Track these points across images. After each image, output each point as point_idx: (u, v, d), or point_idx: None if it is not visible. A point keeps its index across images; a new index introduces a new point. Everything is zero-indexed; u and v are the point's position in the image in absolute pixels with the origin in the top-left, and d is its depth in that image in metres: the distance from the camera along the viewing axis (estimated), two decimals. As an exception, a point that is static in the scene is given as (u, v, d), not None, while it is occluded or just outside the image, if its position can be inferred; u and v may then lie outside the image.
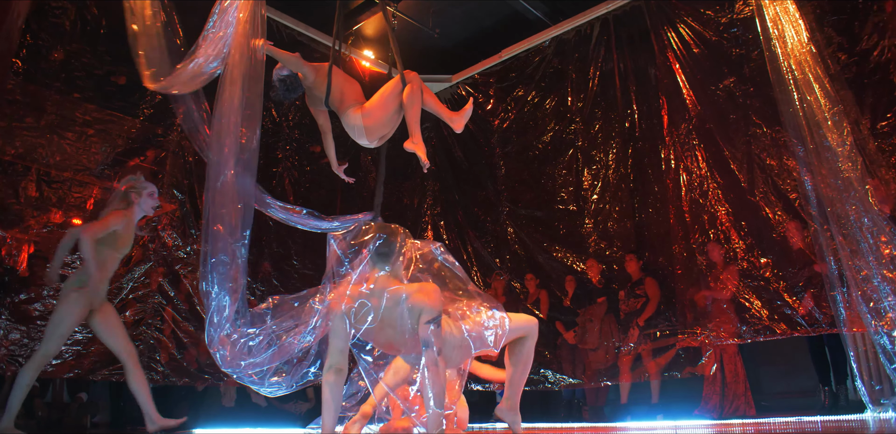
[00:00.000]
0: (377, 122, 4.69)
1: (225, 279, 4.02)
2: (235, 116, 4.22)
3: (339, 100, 4.72)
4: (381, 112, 4.69)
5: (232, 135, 4.20)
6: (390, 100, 4.68)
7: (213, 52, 4.33)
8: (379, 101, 4.69)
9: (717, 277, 6.21)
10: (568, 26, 8.08)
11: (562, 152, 8.16)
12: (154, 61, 4.43)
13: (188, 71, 4.36)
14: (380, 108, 4.68)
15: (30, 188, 6.40)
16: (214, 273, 4.00)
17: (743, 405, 6.01)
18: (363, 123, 4.63)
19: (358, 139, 4.77)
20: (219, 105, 4.25)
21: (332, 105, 4.73)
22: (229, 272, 4.04)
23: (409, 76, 4.68)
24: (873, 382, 4.95)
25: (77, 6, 6.72)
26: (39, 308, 6.24)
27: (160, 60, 4.45)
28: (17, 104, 6.45)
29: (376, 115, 4.66)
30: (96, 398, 7.21)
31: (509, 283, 8.18)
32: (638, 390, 6.88)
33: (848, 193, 4.52)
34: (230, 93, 4.24)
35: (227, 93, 4.24)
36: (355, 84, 4.90)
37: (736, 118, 6.37)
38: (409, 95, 4.61)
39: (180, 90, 4.56)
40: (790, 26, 5.00)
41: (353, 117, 4.62)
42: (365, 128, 4.64)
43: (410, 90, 4.61)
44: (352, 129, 4.69)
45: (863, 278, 4.42)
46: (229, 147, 4.18)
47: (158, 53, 4.46)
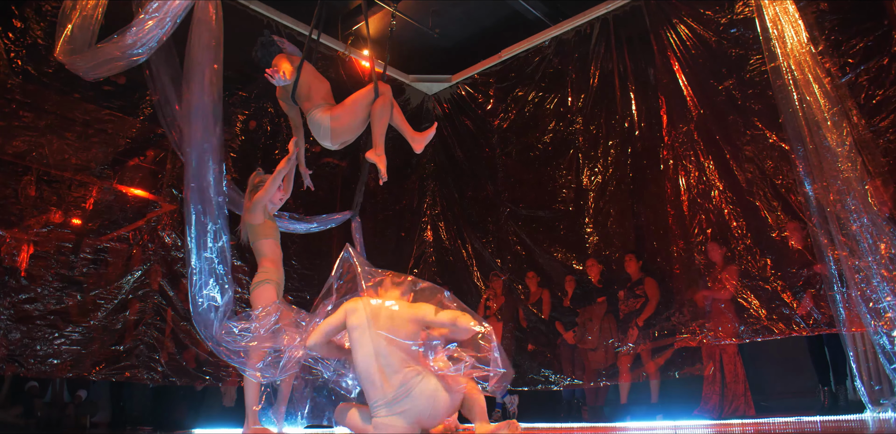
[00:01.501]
0: (344, 126, 4.69)
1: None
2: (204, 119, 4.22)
3: (305, 96, 4.72)
4: (350, 117, 4.70)
5: (202, 135, 4.21)
6: (360, 107, 4.69)
7: (142, 37, 4.28)
8: (350, 107, 4.70)
9: (716, 277, 6.21)
10: (568, 26, 8.09)
11: (562, 152, 8.17)
12: (76, 40, 4.39)
13: (105, 52, 4.30)
14: (349, 113, 4.69)
15: (29, 188, 6.40)
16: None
17: (742, 405, 6.01)
18: (330, 125, 4.64)
19: (321, 140, 4.76)
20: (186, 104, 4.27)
21: (297, 101, 4.74)
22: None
23: (383, 88, 4.69)
24: (873, 382, 4.95)
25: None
26: (39, 308, 6.24)
27: (85, 42, 4.40)
28: (16, 104, 6.45)
29: (345, 119, 4.67)
30: (96, 398, 7.22)
31: (510, 283, 8.19)
32: (637, 390, 6.88)
33: (847, 194, 4.53)
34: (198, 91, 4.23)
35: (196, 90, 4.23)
36: (325, 83, 4.89)
37: (735, 118, 6.37)
38: (379, 107, 4.64)
39: (88, 74, 4.50)
40: (790, 27, 5.00)
41: (322, 118, 4.63)
42: (331, 130, 4.65)
43: (382, 102, 4.64)
44: (317, 128, 4.69)
45: (862, 278, 4.43)
46: (203, 148, 4.19)
47: (88, 36, 4.43)
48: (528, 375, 7.54)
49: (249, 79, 7.75)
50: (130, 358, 6.59)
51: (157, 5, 4.27)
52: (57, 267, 6.45)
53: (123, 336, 6.66)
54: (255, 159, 7.73)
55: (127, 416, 7.19)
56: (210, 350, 6.82)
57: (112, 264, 6.82)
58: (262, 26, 7.71)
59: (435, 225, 9.46)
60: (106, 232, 6.84)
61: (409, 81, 9.34)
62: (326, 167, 8.59)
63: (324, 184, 8.53)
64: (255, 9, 7.63)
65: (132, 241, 7.01)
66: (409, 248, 9.41)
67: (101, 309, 6.59)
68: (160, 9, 4.27)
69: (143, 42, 4.30)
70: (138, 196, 7.27)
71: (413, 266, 9.31)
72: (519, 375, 7.59)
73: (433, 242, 9.40)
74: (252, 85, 7.88)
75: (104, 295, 6.64)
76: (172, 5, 4.28)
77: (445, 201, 9.47)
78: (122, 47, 4.28)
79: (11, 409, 6.43)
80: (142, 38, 4.28)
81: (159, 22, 4.28)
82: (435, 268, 9.31)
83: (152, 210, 7.22)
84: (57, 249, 6.47)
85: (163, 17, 4.28)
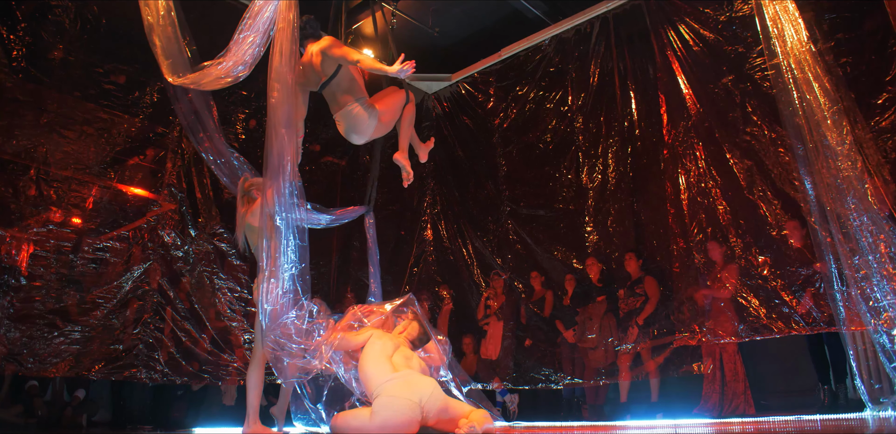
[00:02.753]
0: (386, 123, 4.86)
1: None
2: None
3: (346, 88, 4.76)
4: (391, 117, 4.90)
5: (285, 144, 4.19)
6: (398, 109, 4.93)
7: (241, 57, 4.33)
8: (392, 107, 4.90)
9: (716, 276, 6.21)
10: (567, 25, 8.08)
11: (562, 151, 8.16)
12: (170, 53, 4.44)
13: (213, 72, 4.37)
14: (392, 112, 4.90)
15: (29, 187, 6.41)
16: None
17: (742, 404, 6.01)
18: (379, 120, 4.78)
19: (358, 133, 4.83)
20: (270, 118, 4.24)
21: (331, 91, 4.78)
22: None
23: (411, 95, 4.97)
24: (872, 381, 4.95)
25: (77, 5, 6.73)
26: (39, 307, 6.25)
27: (177, 52, 4.46)
28: (16, 103, 6.45)
29: (387, 117, 4.86)
30: (97, 397, 7.22)
31: (510, 282, 8.19)
32: (637, 389, 6.88)
33: (847, 192, 4.52)
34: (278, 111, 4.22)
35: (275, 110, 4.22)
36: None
37: (735, 117, 6.37)
38: (410, 113, 4.93)
39: (200, 88, 4.58)
40: (790, 25, 5.00)
41: (371, 112, 4.73)
42: (378, 125, 4.80)
43: (411, 109, 4.93)
44: (360, 122, 4.76)
45: (862, 277, 4.42)
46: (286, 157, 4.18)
47: (175, 45, 4.48)
48: (529, 374, 7.54)
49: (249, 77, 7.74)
50: (130, 357, 6.60)
51: (249, 23, 4.34)
52: (57, 266, 6.46)
53: (123, 335, 6.67)
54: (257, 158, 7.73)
55: (127, 414, 7.20)
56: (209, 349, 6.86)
57: (112, 263, 6.83)
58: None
59: (435, 224, 9.46)
60: (105, 231, 6.84)
61: (409, 80, 9.32)
62: (326, 166, 8.59)
63: (324, 182, 8.55)
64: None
65: (132, 240, 7.02)
66: (408, 246, 9.42)
67: (100, 308, 6.60)
68: (252, 27, 4.34)
69: (243, 61, 4.39)
70: (138, 195, 7.27)
71: (413, 265, 9.31)
72: (519, 374, 7.60)
73: (433, 241, 9.40)
74: (252, 83, 7.87)
75: (104, 294, 6.66)
76: (263, 20, 4.34)
77: (445, 200, 9.46)
78: (224, 69, 4.38)
79: (11, 409, 6.44)
80: (241, 57, 4.37)
81: (254, 39, 4.36)
82: (435, 267, 9.30)
83: (152, 209, 7.22)
84: (57, 248, 6.48)
85: (255, 33, 4.36)
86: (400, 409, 3.72)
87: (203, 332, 7.02)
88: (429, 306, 8.69)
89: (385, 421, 3.70)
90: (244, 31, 4.34)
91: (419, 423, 3.77)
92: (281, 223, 4.03)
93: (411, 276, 9.27)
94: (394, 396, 3.76)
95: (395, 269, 9.36)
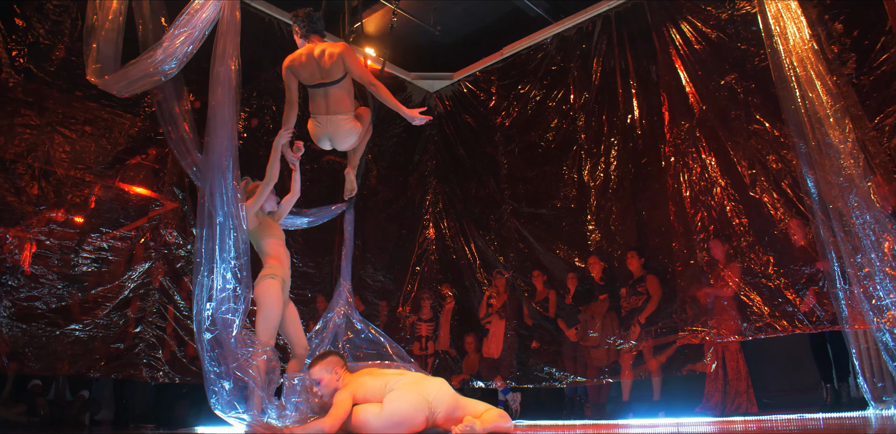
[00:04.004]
0: (359, 141, 5.13)
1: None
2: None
3: (343, 97, 4.82)
4: (363, 136, 5.22)
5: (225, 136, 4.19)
6: (367, 131, 5.27)
7: (172, 52, 4.28)
8: (366, 128, 5.19)
9: (718, 274, 6.20)
10: (569, 23, 8.08)
11: (564, 150, 8.15)
12: (104, 57, 4.40)
13: (137, 69, 4.31)
14: (365, 133, 5.21)
15: (31, 186, 6.41)
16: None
17: (745, 402, 6.00)
18: (357, 137, 5.02)
19: (338, 141, 4.95)
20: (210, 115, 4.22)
21: (346, 95, 4.84)
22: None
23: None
24: (875, 379, 4.93)
25: (78, 5, 6.72)
26: (41, 306, 6.26)
27: (112, 57, 4.42)
28: (18, 102, 6.46)
29: (361, 136, 5.13)
30: (100, 396, 7.23)
31: (513, 280, 8.19)
32: (640, 387, 6.88)
33: (850, 190, 4.51)
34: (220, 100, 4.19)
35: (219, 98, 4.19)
36: None
37: (737, 115, 6.36)
38: (368, 135, 5.31)
39: (122, 92, 4.53)
40: (792, 23, 4.98)
41: (356, 129, 4.92)
42: (354, 141, 5.02)
43: (370, 131, 5.32)
44: (346, 133, 4.89)
45: (865, 275, 4.41)
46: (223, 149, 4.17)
47: (113, 50, 4.44)
48: (532, 373, 7.54)
49: (249, 77, 7.76)
50: (132, 356, 6.61)
51: (184, 19, 4.27)
52: (59, 265, 6.46)
53: (125, 334, 6.68)
54: (258, 157, 7.73)
55: (130, 413, 7.21)
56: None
57: (114, 262, 6.84)
58: (264, 24, 7.71)
59: (437, 222, 9.46)
60: (108, 230, 6.85)
61: (411, 79, 9.33)
62: (327, 165, 8.59)
63: (325, 181, 8.53)
64: (257, 7, 7.64)
65: (134, 239, 7.03)
66: (410, 245, 9.42)
67: (102, 307, 6.61)
68: (188, 23, 4.27)
69: (174, 56, 4.31)
70: (140, 194, 7.28)
71: (415, 263, 9.32)
72: (522, 373, 7.60)
73: (435, 240, 9.40)
74: (253, 83, 7.89)
75: (106, 293, 6.67)
76: (200, 18, 4.28)
77: (447, 199, 9.46)
78: (153, 63, 4.29)
79: (14, 407, 6.44)
80: (172, 52, 4.29)
81: (188, 37, 4.29)
82: (437, 265, 9.31)
83: (154, 208, 7.23)
84: (59, 248, 6.49)
85: (191, 31, 4.28)
86: (409, 402, 3.71)
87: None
88: (431, 305, 8.70)
89: (393, 412, 3.69)
90: (179, 27, 4.26)
91: (427, 421, 3.75)
92: (221, 220, 4.05)
93: (413, 274, 9.28)
94: (403, 391, 3.77)
95: (397, 267, 9.36)
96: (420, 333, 8.49)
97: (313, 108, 4.86)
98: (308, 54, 4.75)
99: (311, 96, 4.88)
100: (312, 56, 4.74)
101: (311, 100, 4.88)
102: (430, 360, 8.27)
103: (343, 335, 5.11)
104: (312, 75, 4.76)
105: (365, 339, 5.11)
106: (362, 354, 4.98)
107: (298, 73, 4.79)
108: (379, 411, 3.74)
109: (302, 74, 4.78)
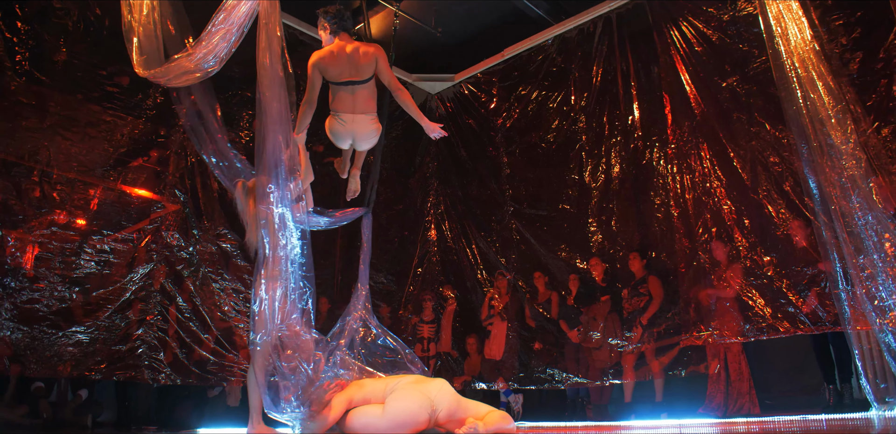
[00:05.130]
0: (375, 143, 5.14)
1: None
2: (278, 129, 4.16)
3: (370, 97, 4.86)
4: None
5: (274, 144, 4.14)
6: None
7: (212, 49, 4.27)
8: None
9: (720, 276, 6.20)
10: (570, 24, 8.07)
11: (565, 151, 8.15)
12: (146, 49, 4.41)
13: (181, 65, 4.30)
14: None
15: (33, 189, 6.42)
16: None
17: (747, 403, 5.99)
18: (378, 138, 5.05)
19: (362, 141, 4.96)
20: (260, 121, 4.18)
21: (351, 89, 4.79)
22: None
23: None
24: (878, 381, 4.92)
25: (80, 7, 6.74)
26: (43, 308, 6.26)
27: (155, 49, 4.43)
28: (20, 105, 6.47)
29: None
30: (101, 397, 7.23)
31: (514, 282, 8.18)
32: (642, 389, 6.87)
33: (852, 191, 4.51)
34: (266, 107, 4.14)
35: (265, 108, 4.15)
36: None
37: (739, 116, 6.35)
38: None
39: (170, 84, 4.52)
40: (793, 24, 4.98)
41: (379, 130, 4.97)
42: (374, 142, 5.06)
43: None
44: (371, 134, 4.94)
45: (867, 276, 4.40)
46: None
47: (155, 43, 4.45)
48: (534, 374, 7.53)
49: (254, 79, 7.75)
50: (133, 357, 6.62)
51: (223, 17, 4.26)
52: (61, 267, 6.47)
53: (127, 336, 6.69)
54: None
55: (132, 415, 7.21)
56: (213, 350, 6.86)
57: (115, 265, 6.84)
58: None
59: (439, 224, 9.46)
60: (109, 232, 6.85)
61: (412, 81, 9.33)
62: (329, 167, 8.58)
63: (327, 183, 8.53)
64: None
65: (136, 241, 7.03)
66: (412, 247, 9.42)
67: (104, 309, 6.61)
68: (226, 20, 4.26)
69: (214, 54, 4.29)
70: (142, 196, 7.28)
71: (417, 265, 9.32)
72: (525, 374, 7.60)
73: (437, 241, 9.40)
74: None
75: (108, 295, 6.67)
76: (238, 14, 4.27)
77: (449, 200, 9.46)
78: (194, 60, 4.29)
79: (17, 409, 6.44)
80: (212, 50, 4.28)
81: (226, 33, 4.27)
82: (439, 267, 9.31)
83: (156, 210, 7.23)
84: (61, 250, 6.49)
85: (229, 27, 4.27)
86: (413, 400, 3.71)
87: (207, 332, 7.04)
88: (433, 306, 8.69)
89: (397, 412, 3.68)
90: (217, 24, 4.24)
91: (430, 420, 3.75)
92: (281, 222, 4.01)
93: (415, 276, 9.27)
94: (406, 390, 3.78)
95: (399, 269, 9.36)
96: (422, 335, 8.49)
97: (338, 106, 4.81)
98: (339, 51, 4.73)
99: (334, 94, 4.84)
100: (344, 53, 4.72)
101: (334, 98, 4.84)
102: (431, 362, 8.27)
103: (359, 341, 5.09)
104: (342, 73, 4.73)
105: (382, 345, 5.09)
106: (380, 361, 4.96)
107: (326, 70, 4.75)
108: (381, 412, 3.74)
109: (331, 71, 4.75)
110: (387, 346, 5.08)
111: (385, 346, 5.07)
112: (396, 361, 4.97)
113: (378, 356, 5.02)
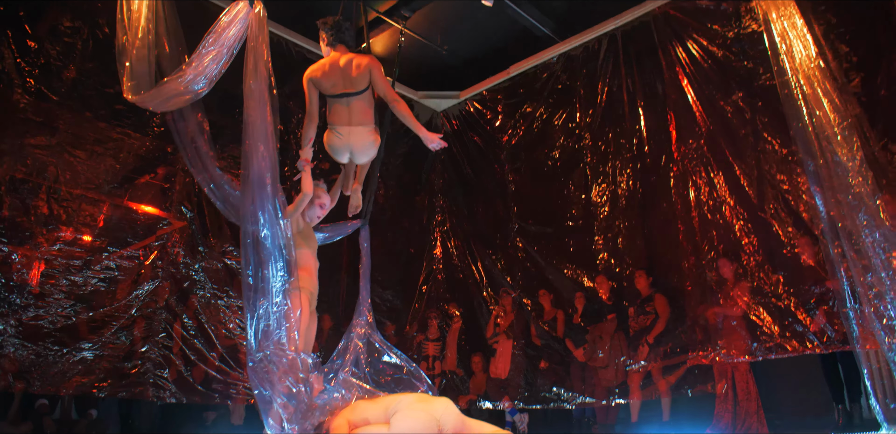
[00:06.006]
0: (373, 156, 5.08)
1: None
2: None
3: (366, 108, 4.82)
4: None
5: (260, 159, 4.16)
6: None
7: (202, 71, 4.29)
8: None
9: (727, 294, 6.15)
10: (576, 42, 8.11)
11: (571, 168, 8.15)
12: (138, 74, 4.43)
13: (170, 88, 4.33)
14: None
15: (41, 206, 6.45)
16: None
17: (755, 423, 5.92)
18: (377, 150, 5.00)
19: (360, 153, 4.93)
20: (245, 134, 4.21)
21: (346, 100, 4.77)
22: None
23: None
24: (888, 401, 4.86)
25: (89, 26, 6.80)
26: (48, 325, 6.26)
27: (146, 74, 4.45)
28: (29, 122, 6.52)
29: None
30: (106, 415, 7.21)
31: (520, 299, 8.15)
32: (648, 408, 6.80)
33: (859, 209, 4.48)
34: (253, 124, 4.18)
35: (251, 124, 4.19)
36: None
37: (745, 133, 6.35)
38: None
39: (157, 108, 4.55)
40: (798, 41, 4.98)
41: (376, 142, 4.92)
42: (372, 155, 5.01)
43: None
44: (370, 146, 4.89)
45: (875, 294, 4.36)
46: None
47: (146, 67, 4.47)
48: (540, 393, 7.47)
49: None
50: (138, 375, 6.60)
51: (212, 39, 4.29)
52: (66, 284, 6.48)
53: (132, 353, 6.68)
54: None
55: (135, 432, 7.18)
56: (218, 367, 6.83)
57: (121, 281, 6.85)
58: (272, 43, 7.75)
59: (444, 241, 9.45)
60: (116, 249, 6.87)
61: (418, 98, 9.37)
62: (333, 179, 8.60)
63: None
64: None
65: (141, 258, 7.04)
66: (418, 264, 9.40)
67: (109, 326, 6.61)
68: (216, 42, 4.29)
69: (203, 75, 4.32)
70: (148, 213, 7.31)
71: (422, 283, 9.29)
72: (530, 393, 7.54)
73: (442, 259, 9.38)
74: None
75: (113, 312, 6.68)
76: (227, 36, 4.31)
77: (454, 217, 9.46)
78: (183, 83, 4.31)
79: (21, 426, 6.43)
80: (202, 71, 4.30)
81: (217, 55, 4.30)
82: (444, 285, 9.28)
83: (162, 227, 7.25)
84: (67, 267, 6.50)
85: (220, 49, 4.30)
86: (419, 420, 3.66)
87: (212, 350, 7.02)
88: (438, 324, 8.66)
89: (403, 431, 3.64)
90: (207, 46, 4.28)
91: None
92: (267, 239, 4.03)
93: (420, 293, 9.25)
94: (411, 410, 3.73)
95: (404, 286, 9.34)
96: (427, 353, 8.45)
97: (333, 119, 4.80)
98: (332, 64, 4.74)
99: (330, 107, 4.83)
100: (337, 65, 4.73)
101: (330, 111, 4.83)
102: (437, 380, 8.21)
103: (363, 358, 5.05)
104: (335, 85, 4.73)
105: (387, 362, 5.05)
106: (385, 379, 4.93)
107: (320, 83, 4.76)
108: (387, 432, 3.70)
109: (324, 84, 4.75)
110: (391, 362, 5.04)
111: (389, 363, 5.04)
112: (402, 378, 4.93)
113: (382, 374, 4.98)
